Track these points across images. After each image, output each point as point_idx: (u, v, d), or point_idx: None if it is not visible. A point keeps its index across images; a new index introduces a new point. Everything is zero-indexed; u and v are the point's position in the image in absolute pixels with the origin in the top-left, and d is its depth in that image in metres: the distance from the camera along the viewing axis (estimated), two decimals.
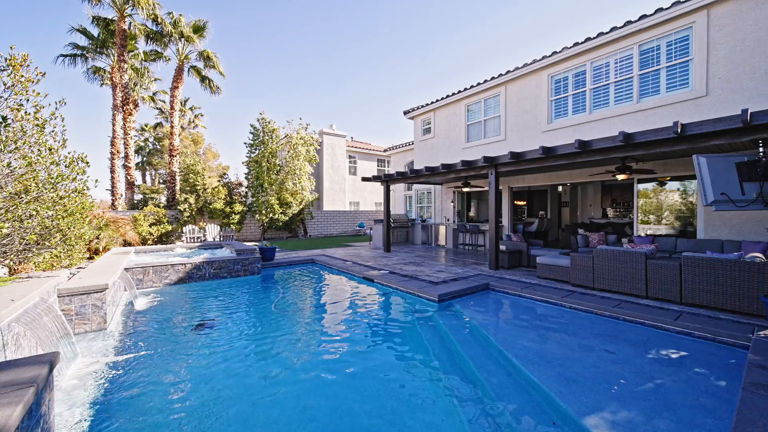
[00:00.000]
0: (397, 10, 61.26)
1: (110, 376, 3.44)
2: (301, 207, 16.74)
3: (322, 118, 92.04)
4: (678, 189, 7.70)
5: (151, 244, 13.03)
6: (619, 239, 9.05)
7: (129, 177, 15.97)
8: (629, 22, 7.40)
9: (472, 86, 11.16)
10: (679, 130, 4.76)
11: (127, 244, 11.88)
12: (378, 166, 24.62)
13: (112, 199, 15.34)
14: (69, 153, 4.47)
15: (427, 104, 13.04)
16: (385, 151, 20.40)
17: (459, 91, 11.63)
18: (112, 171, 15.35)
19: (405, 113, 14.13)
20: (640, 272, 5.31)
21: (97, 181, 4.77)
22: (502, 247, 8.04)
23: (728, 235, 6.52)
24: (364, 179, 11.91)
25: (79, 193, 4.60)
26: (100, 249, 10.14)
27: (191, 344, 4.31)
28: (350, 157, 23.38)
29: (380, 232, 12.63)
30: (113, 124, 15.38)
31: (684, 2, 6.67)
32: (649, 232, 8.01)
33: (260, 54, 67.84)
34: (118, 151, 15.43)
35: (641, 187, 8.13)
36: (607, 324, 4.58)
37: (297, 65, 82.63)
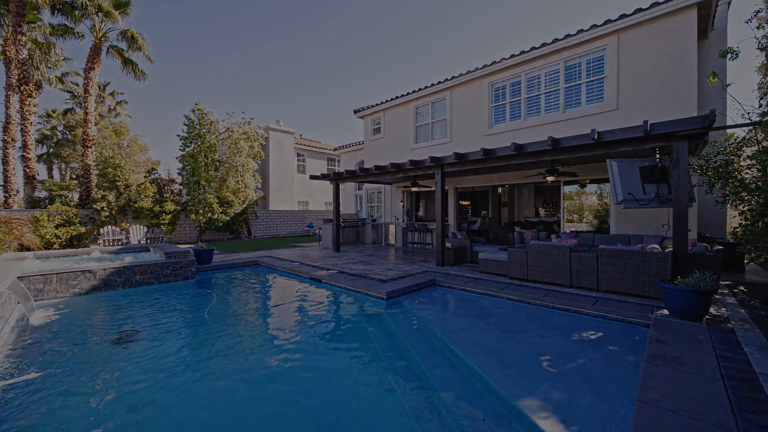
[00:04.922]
0: (357, 8, 61.05)
1: None
2: (244, 206, 15.70)
3: (269, 115, 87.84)
4: (596, 192, 8.74)
5: (58, 249, 11.16)
6: (549, 236, 9.97)
7: (29, 170, 13.52)
8: (556, 40, 8.21)
9: (420, 89, 11.47)
10: (596, 137, 5.39)
11: (25, 248, 10.02)
12: (328, 165, 24.16)
13: (5, 196, 12.85)
14: None
15: (378, 104, 13.10)
16: (335, 150, 20.05)
17: (408, 93, 11.88)
18: (5, 162, 12.86)
19: (355, 112, 14.04)
20: (565, 264, 5.89)
21: None
22: (448, 245, 8.37)
23: (633, 231, 7.56)
24: (313, 177, 11.57)
25: None
26: None
27: (96, 362, 3.73)
28: (299, 155, 22.61)
29: (330, 231, 12.37)
30: (6, 107, 12.90)
31: (600, 26, 7.59)
32: (573, 229, 8.97)
33: (201, 44, 62.61)
34: (13, 139, 12.97)
35: (567, 189, 9.07)
36: (539, 312, 4.98)
37: (243, 58, 77.90)
